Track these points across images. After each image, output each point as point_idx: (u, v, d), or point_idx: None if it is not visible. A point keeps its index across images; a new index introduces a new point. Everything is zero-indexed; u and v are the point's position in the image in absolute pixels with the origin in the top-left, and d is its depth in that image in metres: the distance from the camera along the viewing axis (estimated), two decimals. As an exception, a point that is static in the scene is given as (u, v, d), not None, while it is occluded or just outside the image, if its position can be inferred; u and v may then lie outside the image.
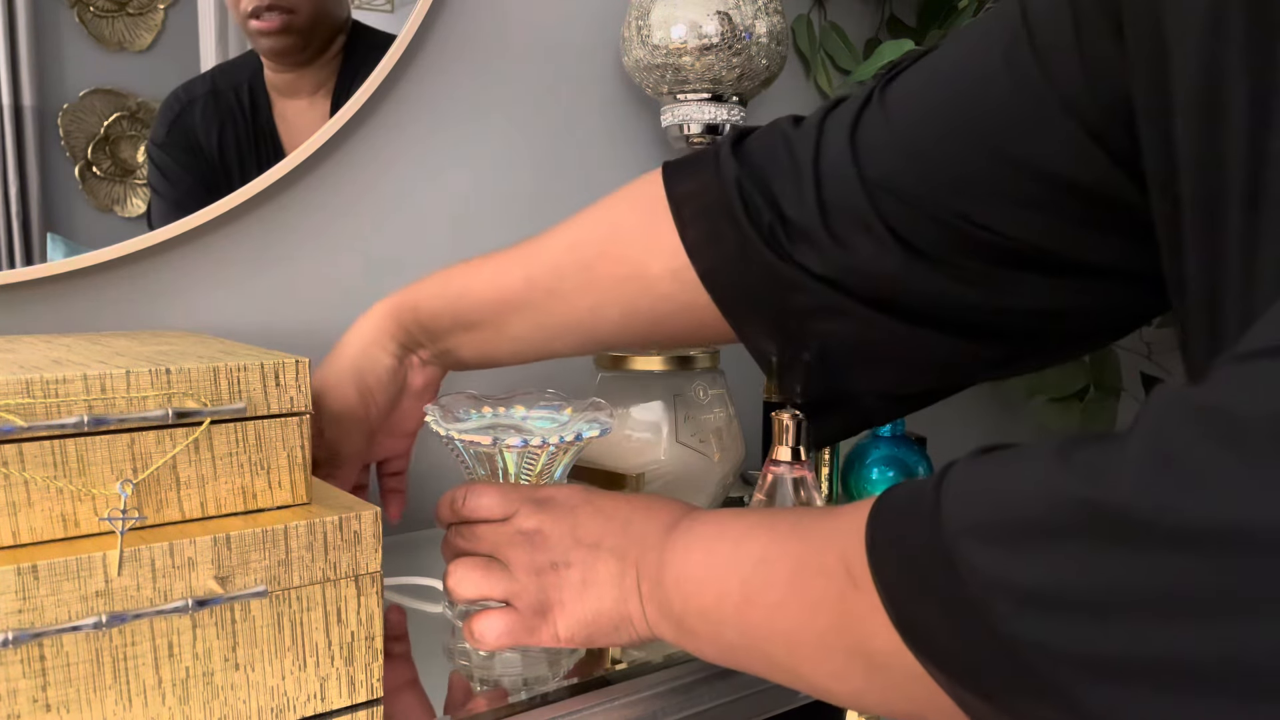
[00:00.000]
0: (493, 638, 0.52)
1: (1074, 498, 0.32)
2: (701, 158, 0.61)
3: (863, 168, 0.54)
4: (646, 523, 0.52)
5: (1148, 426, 0.31)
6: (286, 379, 0.48)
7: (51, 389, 0.43)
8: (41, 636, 0.41)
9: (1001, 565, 0.33)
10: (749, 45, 0.85)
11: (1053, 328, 0.57)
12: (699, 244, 0.59)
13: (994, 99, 0.50)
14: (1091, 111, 0.47)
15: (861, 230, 0.54)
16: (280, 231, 0.80)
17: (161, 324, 0.75)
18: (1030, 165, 0.50)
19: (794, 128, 0.58)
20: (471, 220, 0.89)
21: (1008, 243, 0.52)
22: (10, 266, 0.68)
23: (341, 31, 0.80)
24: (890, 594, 0.38)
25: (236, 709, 0.46)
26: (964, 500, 0.36)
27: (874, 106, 0.55)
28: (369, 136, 0.83)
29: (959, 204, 0.52)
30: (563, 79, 0.92)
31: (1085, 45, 0.47)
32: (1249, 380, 0.30)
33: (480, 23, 0.87)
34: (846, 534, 0.41)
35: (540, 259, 0.64)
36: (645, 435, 0.76)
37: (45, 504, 0.43)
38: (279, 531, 0.46)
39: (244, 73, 0.77)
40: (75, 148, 0.71)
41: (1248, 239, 0.39)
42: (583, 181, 0.94)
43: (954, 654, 0.36)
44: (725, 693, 0.60)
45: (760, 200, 0.57)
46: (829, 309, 0.56)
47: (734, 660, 0.48)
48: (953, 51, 0.54)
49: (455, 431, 0.56)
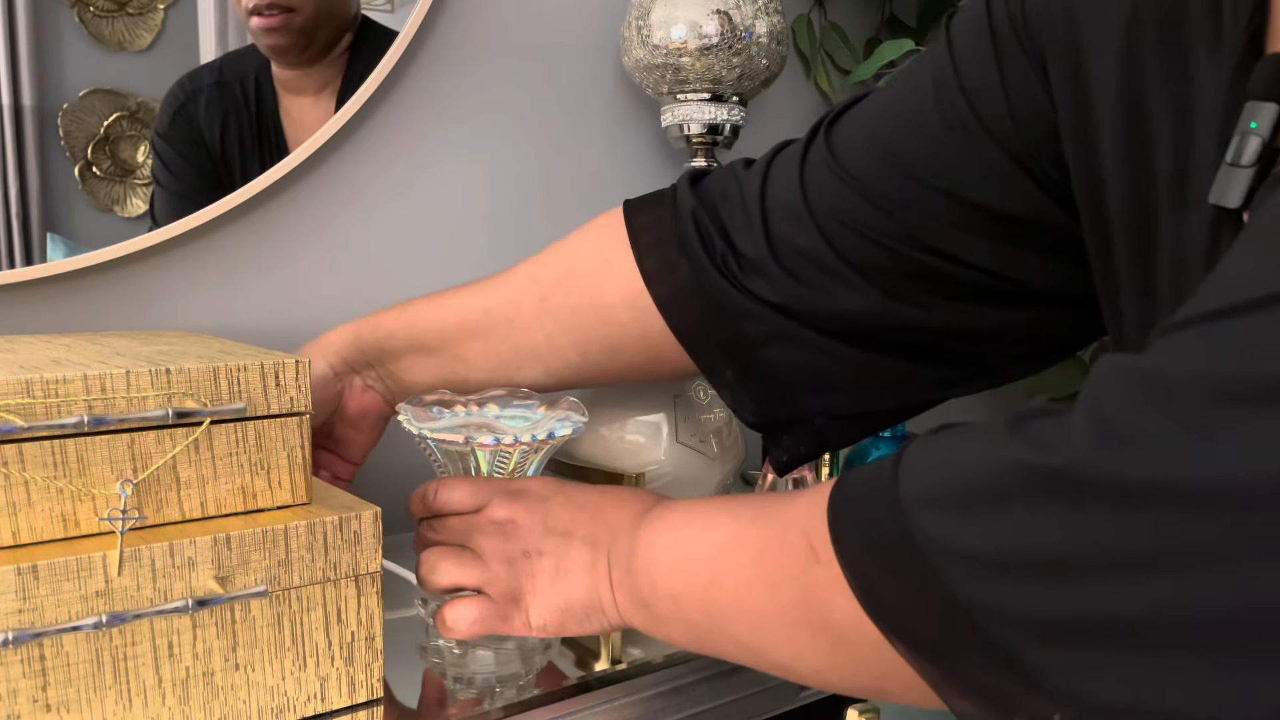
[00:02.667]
0: (465, 626, 0.52)
1: (1018, 463, 0.33)
2: (660, 194, 0.64)
3: (810, 200, 0.56)
4: (618, 511, 0.53)
5: (1089, 394, 0.32)
6: (286, 379, 0.48)
7: (51, 389, 0.43)
8: (41, 636, 0.41)
9: (955, 531, 0.35)
10: (749, 45, 0.85)
11: (1002, 349, 0.59)
12: (656, 272, 0.61)
13: (927, 135, 0.53)
14: (1018, 145, 0.50)
15: (809, 261, 0.56)
16: (280, 232, 0.80)
17: (161, 324, 0.75)
18: (963, 195, 0.52)
19: (744, 169, 0.61)
20: (471, 220, 0.89)
21: (952, 267, 0.54)
22: (10, 266, 0.68)
23: (349, 30, 0.79)
24: (851, 565, 0.39)
25: (236, 709, 0.46)
26: (919, 472, 0.37)
27: (819, 143, 0.58)
28: (369, 137, 0.83)
29: (902, 231, 0.54)
30: (563, 79, 0.92)
31: (1009, 85, 0.50)
32: (1178, 346, 0.31)
33: (480, 23, 0.87)
34: (809, 511, 0.42)
35: (499, 291, 0.65)
36: (645, 436, 0.76)
37: (45, 504, 0.43)
38: (279, 531, 0.46)
39: (252, 64, 0.76)
40: (75, 148, 0.71)
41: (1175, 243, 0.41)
42: (583, 181, 0.94)
43: (912, 622, 0.37)
44: (725, 693, 0.60)
45: (714, 231, 0.59)
46: (781, 335, 0.58)
47: (701, 643, 0.49)
48: (892, 90, 0.57)
49: (428, 430, 0.56)
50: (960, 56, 0.52)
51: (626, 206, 0.64)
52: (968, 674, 0.35)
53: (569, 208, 0.94)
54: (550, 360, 0.64)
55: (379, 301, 0.84)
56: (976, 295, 0.55)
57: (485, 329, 0.65)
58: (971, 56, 0.51)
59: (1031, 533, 0.32)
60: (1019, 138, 0.50)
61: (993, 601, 0.33)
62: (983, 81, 0.51)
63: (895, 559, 0.36)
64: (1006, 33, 0.50)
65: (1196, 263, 0.40)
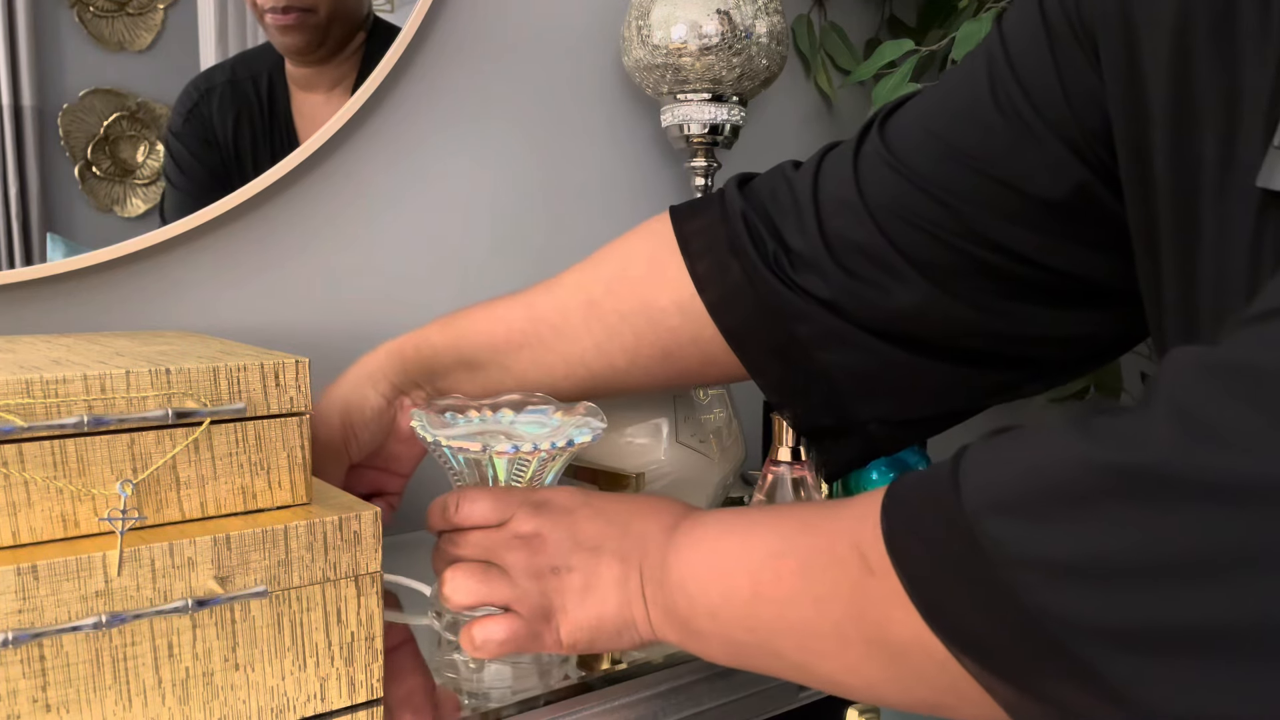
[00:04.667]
0: (495, 646, 0.50)
1: (1099, 463, 0.31)
2: (708, 198, 0.63)
3: (865, 194, 0.56)
4: (647, 524, 0.52)
5: (1168, 389, 0.31)
6: (286, 379, 0.48)
7: (51, 389, 0.43)
8: (41, 636, 0.41)
9: (1026, 538, 0.33)
10: (749, 45, 0.85)
11: (1051, 352, 0.58)
12: (707, 276, 0.60)
13: (983, 125, 0.53)
14: (1074, 132, 0.50)
15: (863, 255, 0.56)
16: (280, 232, 0.80)
17: (161, 324, 0.75)
18: (1018, 185, 0.52)
19: (794, 170, 0.61)
20: (472, 220, 0.89)
21: (1004, 261, 0.54)
22: (10, 266, 0.68)
23: (362, 28, 0.80)
24: (912, 578, 0.38)
25: (236, 709, 0.46)
26: (983, 478, 0.36)
27: (873, 138, 0.57)
28: (369, 137, 0.83)
29: (957, 223, 0.54)
30: (563, 79, 0.92)
31: (1064, 73, 0.50)
32: (1269, 337, 0.30)
33: (480, 22, 0.87)
34: (859, 523, 0.41)
35: (545, 299, 0.64)
36: (645, 436, 0.76)
37: (45, 504, 0.43)
38: (279, 531, 0.46)
39: (265, 62, 0.77)
40: (75, 148, 0.71)
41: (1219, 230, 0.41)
42: (583, 181, 0.94)
43: (980, 635, 0.35)
44: (725, 693, 0.60)
45: (764, 231, 0.59)
46: (832, 337, 0.58)
47: (742, 659, 0.48)
48: (944, 85, 0.57)
49: (443, 437, 0.54)
50: (1014, 49, 0.52)
51: (674, 212, 0.63)
52: (1042, 688, 0.34)
53: (569, 208, 0.94)
54: (598, 367, 0.63)
55: (378, 302, 0.84)
56: (1027, 293, 0.55)
57: (533, 339, 0.64)
58: (1025, 48, 0.52)
59: (1113, 536, 0.30)
60: (1074, 125, 0.50)
61: (1070, 610, 0.31)
62: (1037, 71, 0.51)
63: (960, 570, 0.35)
64: (1060, 24, 0.50)
65: (1239, 249, 0.40)
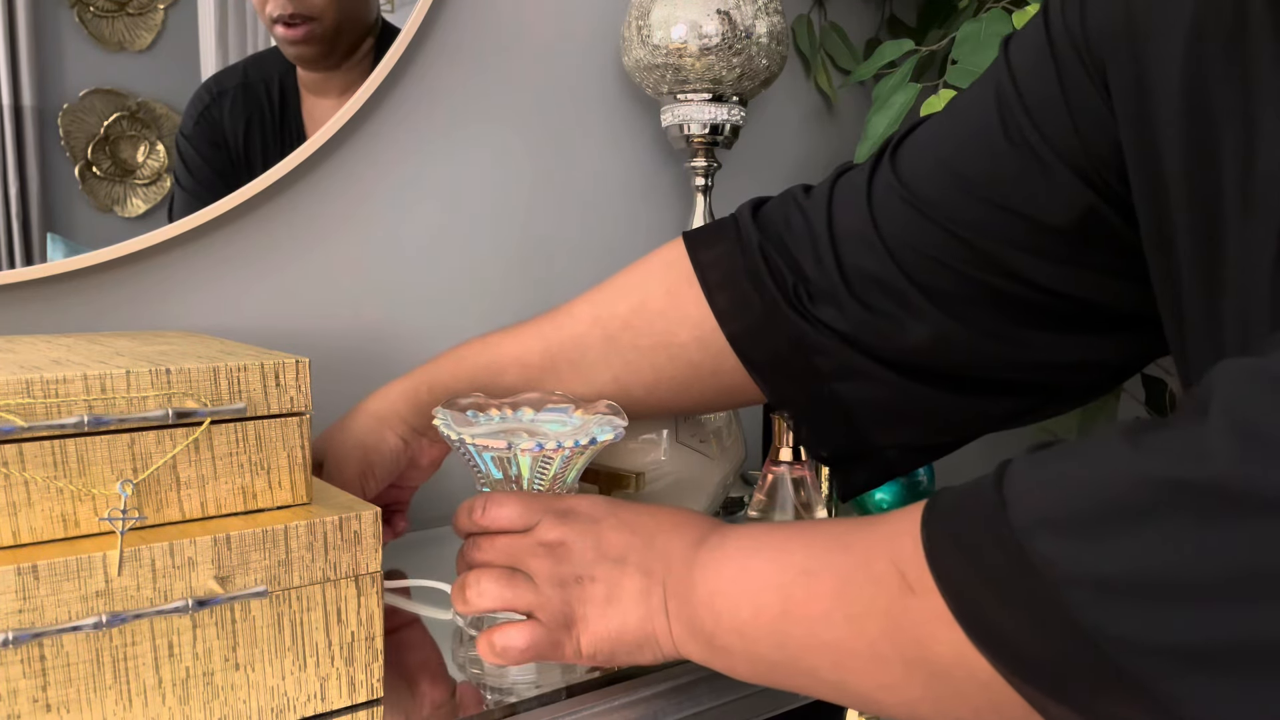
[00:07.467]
0: (516, 652, 0.50)
1: (1157, 479, 0.31)
2: (721, 226, 0.63)
3: (880, 227, 0.56)
4: (672, 538, 0.51)
5: (1225, 401, 0.30)
6: (286, 379, 0.48)
7: (51, 389, 0.43)
8: (41, 636, 0.41)
9: (1080, 555, 0.32)
10: (749, 45, 0.85)
11: (1066, 376, 0.58)
12: (727, 309, 0.60)
13: (992, 154, 0.53)
14: (1082, 159, 0.50)
15: (880, 288, 0.56)
16: (280, 232, 0.80)
17: (162, 324, 0.75)
18: (1028, 213, 0.52)
19: (805, 196, 0.61)
20: (471, 220, 0.88)
21: (1018, 289, 0.54)
22: (10, 266, 0.68)
23: (371, 33, 0.80)
24: (957, 597, 0.37)
25: (236, 709, 0.46)
26: (1031, 494, 0.35)
27: (884, 169, 0.57)
28: (369, 137, 0.83)
29: (969, 253, 0.54)
30: (563, 79, 0.92)
31: (1071, 99, 0.50)
32: None
33: (480, 22, 0.87)
34: (895, 540, 0.40)
35: (562, 333, 0.64)
36: (646, 436, 0.76)
37: (45, 504, 0.43)
38: (279, 531, 0.46)
39: (276, 66, 0.77)
40: (75, 148, 0.71)
41: (1245, 248, 0.40)
42: (583, 181, 0.94)
43: (1029, 655, 0.35)
44: (725, 693, 0.60)
45: (783, 264, 0.59)
46: (852, 370, 0.58)
47: (771, 677, 0.47)
48: (953, 113, 0.57)
49: (468, 435, 0.55)
50: (1020, 75, 0.52)
51: (688, 240, 0.63)
52: (1094, 708, 0.33)
53: (569, 208, 0.94)
54: (615, 398, 0.63)
55: (378, 303, 0.84)
56: (1041, 320, 0.55)
57: (550, 375, 0.64)
58: (1032, 74, 0.52)
59: (1171, 551, 0.30)
60: (1082, 151, 0.50)
61: (1125, 628, 0.31)
62: (1045, 98, 0.51)
63: (1010, 588, 0.34)
64: (1066, 49, 0.50)
65: (1263, 268, 0.39)
